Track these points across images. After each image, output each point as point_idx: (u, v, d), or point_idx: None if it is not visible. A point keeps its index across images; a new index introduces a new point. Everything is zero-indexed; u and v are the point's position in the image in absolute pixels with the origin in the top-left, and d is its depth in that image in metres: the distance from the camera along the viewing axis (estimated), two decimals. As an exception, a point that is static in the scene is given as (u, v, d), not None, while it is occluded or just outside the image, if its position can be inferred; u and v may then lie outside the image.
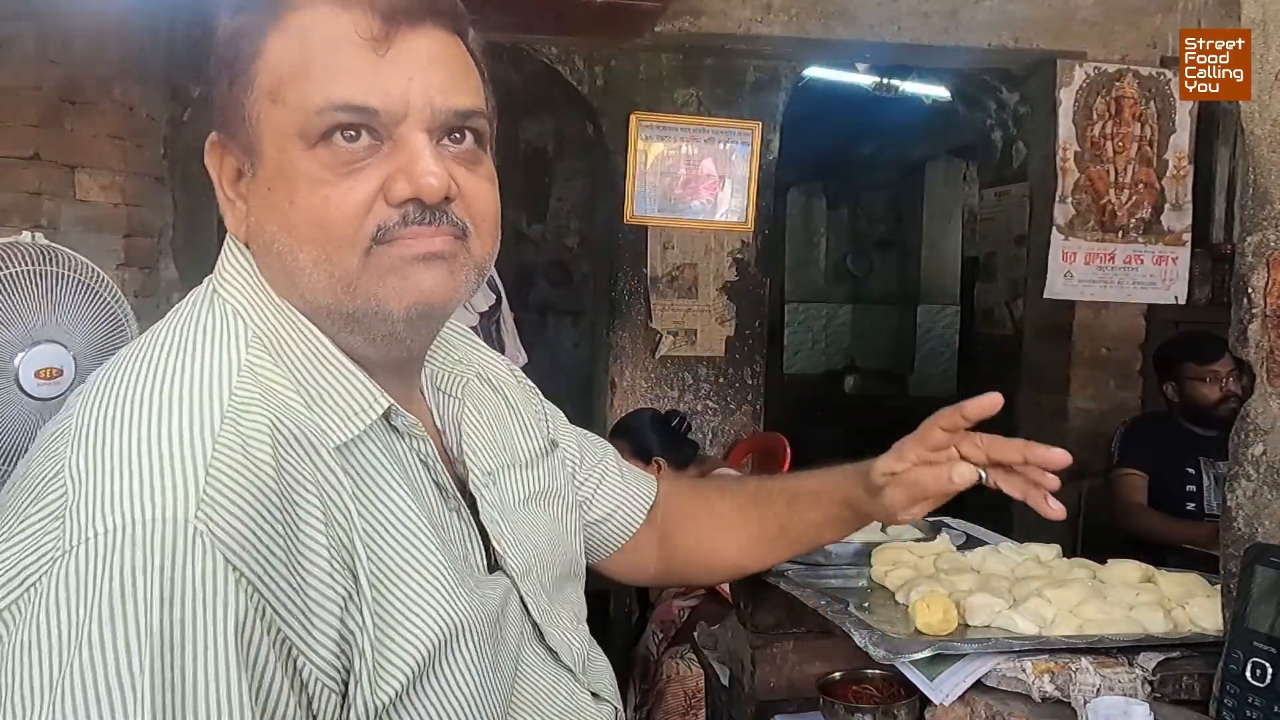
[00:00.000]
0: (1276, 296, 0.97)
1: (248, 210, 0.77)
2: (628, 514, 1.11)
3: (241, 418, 0.67)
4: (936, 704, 0.98)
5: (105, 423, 0.66)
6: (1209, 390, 3.02)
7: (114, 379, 0.70)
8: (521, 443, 0.96)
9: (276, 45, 0.73)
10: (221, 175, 0.78)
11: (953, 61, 3.92)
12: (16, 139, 2.77)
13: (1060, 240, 3.62)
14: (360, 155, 0.72)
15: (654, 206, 3.69)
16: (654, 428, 2.85)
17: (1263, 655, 0.90)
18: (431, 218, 0.73)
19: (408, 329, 0.76)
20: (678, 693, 2.43)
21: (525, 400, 1.02)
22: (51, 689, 0.56)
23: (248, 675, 0.60)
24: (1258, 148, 0.99)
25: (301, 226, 0.73)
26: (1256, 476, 0.99)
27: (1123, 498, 3.13)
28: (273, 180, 0.74)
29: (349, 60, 0.72)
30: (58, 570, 0.59)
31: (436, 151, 0.74)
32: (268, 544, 0.63)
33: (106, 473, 0.62)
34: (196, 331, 0.73)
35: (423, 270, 0.74)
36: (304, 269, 0.73)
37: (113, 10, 2.92)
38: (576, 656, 0.91)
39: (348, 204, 0.72)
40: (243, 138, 0.75)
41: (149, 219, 3.26)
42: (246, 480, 0.64)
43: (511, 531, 0.86)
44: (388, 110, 0.72)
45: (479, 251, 0.77)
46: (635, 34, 3.25)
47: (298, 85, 0.72)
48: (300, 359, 0.74)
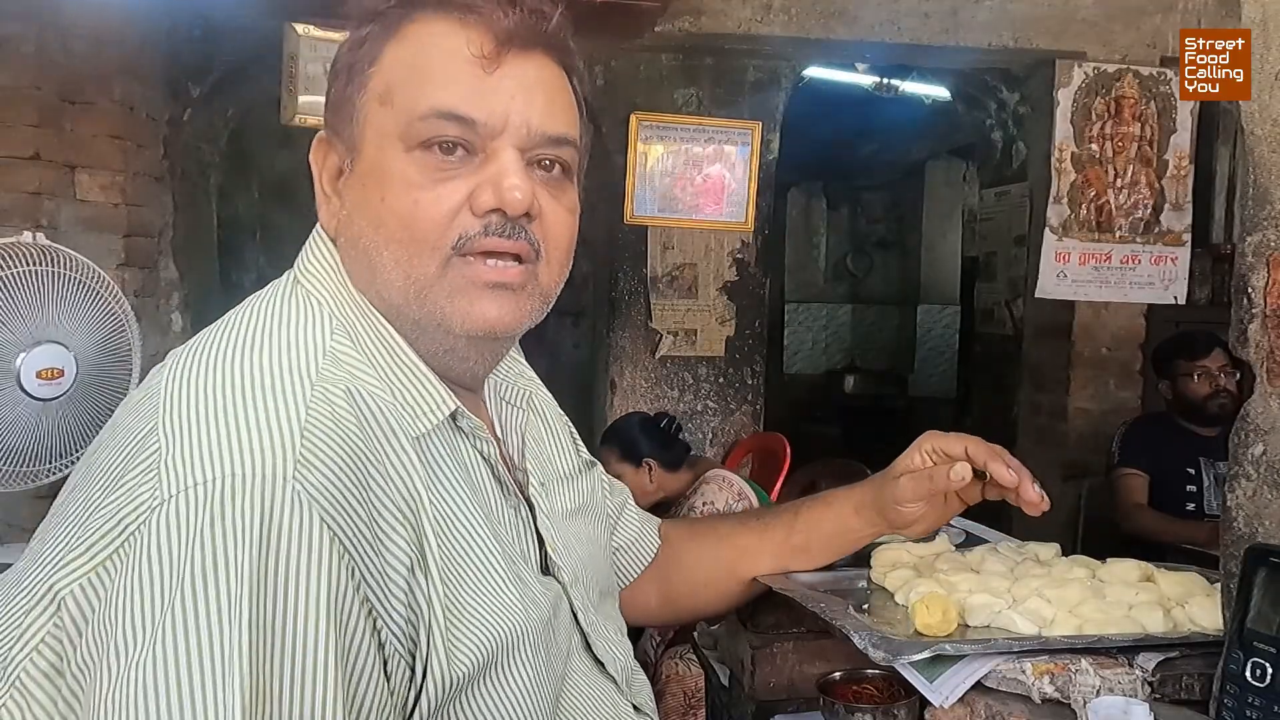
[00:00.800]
0: (1276, 296, 0.96)
1: (341, 206, 0.80)
2: (639, 551, 1.14)
3: (329, 389, 0.70)
4: (936, 705, 0.98)
5: (196, 386, 0.68)
6: (1199, 386, 3.05)
7: (199, 351, 0.72)
8: (561, 458, 1.00)
9: (393, 52, 0.78)
10: (323, 171, 0.82)
11: (953, 61, 3.92)
12: (16, 139, 2.77)
13: (1054, 241, 3.63)
14: (453, 164, 0.76)
15: (654, 206, 3.69)
16: (642, 429, 2.84)
17: (1263, 655, 0.90)
18: (511, 231, 0.76)
19: (469, 348, 0.80)
20: (677, 692, 2.43)
21: (559, 418, 1.06)
22: (151, 632, 0.58)
23: (336, 631, 0.62)
24: (1258, 148, 0.99)
25: (389, 224, 0.76)
26: (1256, 476, 0.99)
27: (1123, 498, 3.14)
28: (368, 176, 0.77)
29: (458, 73, 0.76)
30: (157, 519, 0.61)
31: (525, 169, 0.77)
32: (355, 506, 0.65)
33: (202, 429, 0.65)
34: (281, 314, 0.76)
35: (489, 298, 0.77)
36: (385, 266, 0.77)
37: (113, 10, 2.92)
38: (621, 668, 0.93)
39: (436, 209, 0.75)
40: (348, 135, 0.79)
41: (149, 219, 3.26)
42: (337, 444, 0.66)
43: (562, 542, 0.89)
44: (487, 124, 0.75)
45: (547, 279, 0.81)
46: (635, 34, 3.25)
47: (407, 90, 0.76)
48: (378, 353, 0.77)
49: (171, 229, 3.46)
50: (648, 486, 2.76)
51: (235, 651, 0.58)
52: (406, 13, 0.78)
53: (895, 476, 1.09)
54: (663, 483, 2.78)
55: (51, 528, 0.68)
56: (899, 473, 1.09)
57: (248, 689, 0.58)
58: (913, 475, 1.08)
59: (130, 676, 0.58)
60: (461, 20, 0.76)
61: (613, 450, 2.80)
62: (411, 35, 0.77)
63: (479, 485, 0.80)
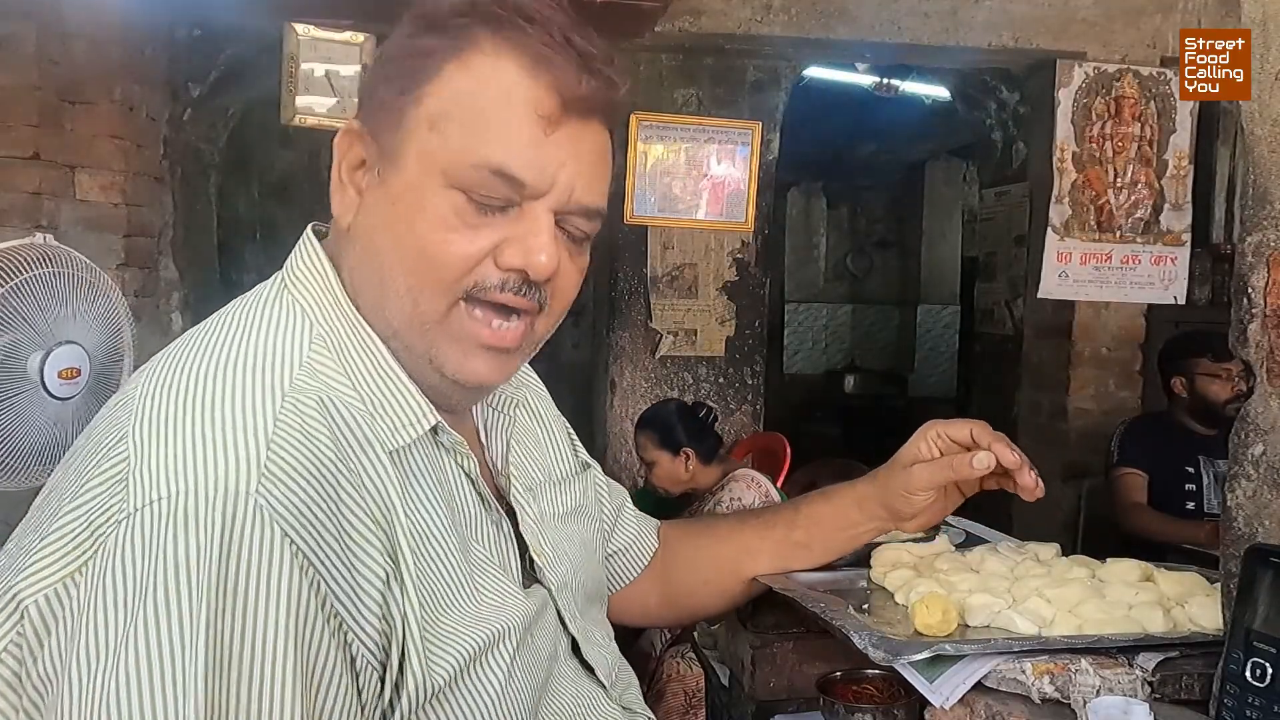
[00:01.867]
0: (1276, 296, 0.96)
1: (360, 204, 0.78)
2: (636, 553, 1.14)
3: (300, 401, 0.69)
4: (936, 705, 0.98)
5: (167, 396, 0.68)
6: (1220, 388, 3.01)
7: (176, 356, 0.72)
8: (555, 460, 1.00)
9: (455, 79, 0.75)
10: (344, 159, 0.79)
11: (953, 61, 3.92)
12: (16, 139, 2.77)
13: (1055, 240, 3.62)
14: (489, 214, 0.75)
15: (654, 206, 3.69)
16: (682, 418, 2.83)
17: (1263, 655, 0.90)
18: (528, 291, 0.76)
19: (453, 389, 0.80)
20: (678, 692, 2.43)
21: (557, 420, 1.05)
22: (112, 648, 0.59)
23: (296, 645, 0.62)
24: (1258, 148, 0.98)
25: (411, 252, 0.75)
26: (1256, 476, 0.99)
27: (1122, 497, 3.13)
28: (401, 197, 0.75)
29: (519, 130, 0.74)
30: (122, 533, 0.61)
31: (555, 234, 0.76)
32: (322, 520, 0.65)
33: (169, 441, 0.65)
34: (262, 320, 0.76)
35: (483, 358, 0.78)
36: (397, 290, 0.76)
37: (113, 10, 2.92)
38: (608, 672, 0.93)
39: (461, 252, 0.74)
40: (387, 141, 0.76)
41: (149, 219, 3.26)
42: (305, 456, 0.66)
43: (550, 546, 0.89)
44: (534, 186, 0.74)
45: (542, 330, 0.81)
46: (635, 34, 3.25)
47: (463, 130, 0.74)
48: (359, 365, 0.76)
49: (171, 229, 3.46)
50: (682, 475, 2.77)
51: (191, 668, 0.58)
52: (475, 37, 0.74)
53: (906, 466, 1.09)
54: (696, 474, 2.78)
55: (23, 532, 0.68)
56: (909, 461, 1.09)
57: (203, 705, 0.58)
58: (928, 464, 1.08)
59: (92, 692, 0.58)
60: (533, 73, 0.74)
61: (650, 436, 2.81)
62: (476, 67, 0.74)
63: (457, 500, 0.80)
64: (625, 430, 3.77)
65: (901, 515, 1.11)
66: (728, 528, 1.23)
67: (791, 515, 1.17)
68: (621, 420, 3.81)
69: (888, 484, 1.11)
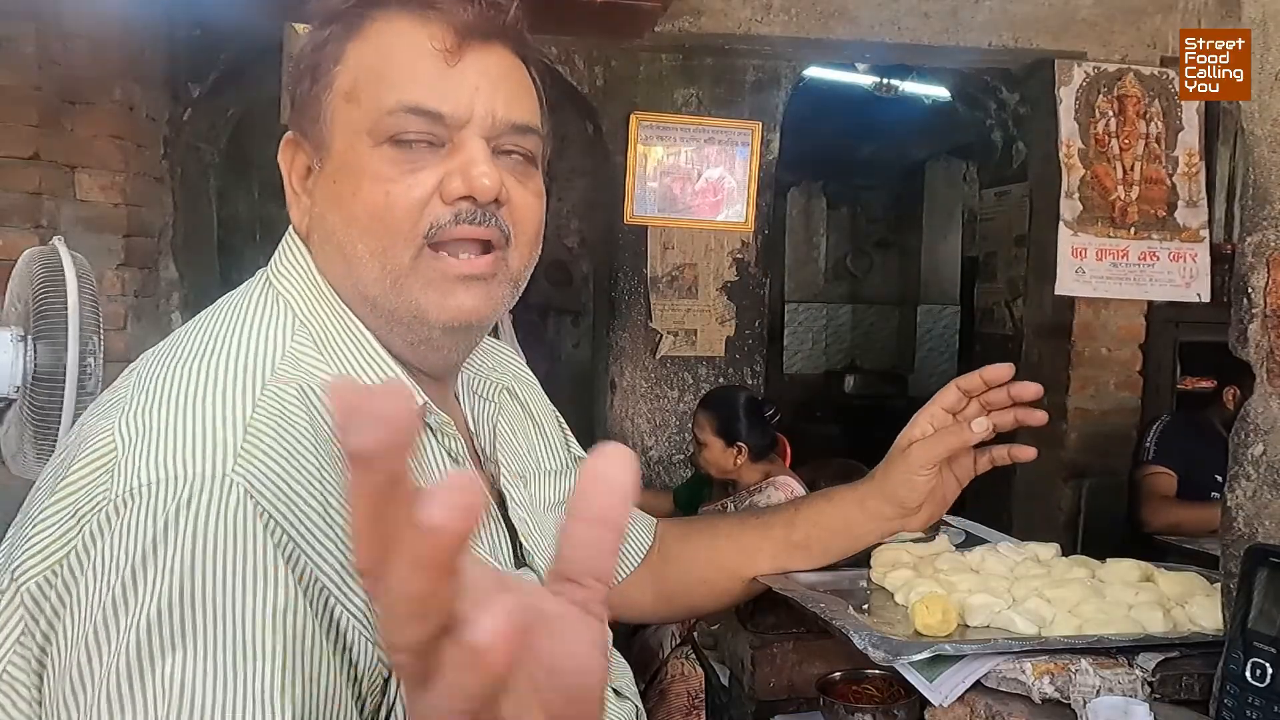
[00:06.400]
0: (1276, 296, 0.97)
1: (311, 204, 0.82)
2: (630, 550, 1.14)
3: (281, 389, 0.71)
4: (936, 705, 0.98)
5: (153, 389, 0.70)
6: None
7: (162, 353, 0.75)
8: (544, 452, 1.01)
9: (356, 51, 0.79)
10: (292, 171, 0.84)
11: (953, 61, 3.92)
12: (16, 139, 2.77)
13: (1069, 235, 3.56)
14: (422, 156, 0.77)
15: (654, 206, 3.69)
16: (746, 412, 2.83)
17: (1263, 655, 0.90)
18: (482, 218, 0.78)
19: (444, 338, 0.81)
20: (681, 692, 2.42)
21: (548, 413, 1.06)
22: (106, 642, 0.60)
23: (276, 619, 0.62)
24: (1258, 148, 0.98)
25: (362, 218, 0.77)
26: (1256, 476, 0.99)
27: (1151, 493, 3.10)
28: (338, 174, 0.79)
29: (422, 67, 0.77)
30: (104, 521, 0.63)
31: (492, 157, 0.78)
32: (302, 495, 0.66)
33: (154, 432, 0.67)
34: (246, 315, 0.78)
35: (463, 290, 0.79)
36: (361, 258, 0.78)
37: (113, 10, 2.92)
38: None
39: (406, 199, 0.77)
40: (315, 135, 0.80)
41: (149, 219, 3.26)
42: (283, 435, 0.68)
43: (540, 532, 0.89)
44: (453, 115, 0.77)
45: (516, 264, 0.82)
46: (635, 34, 3.25)
47: (372, 87, 0.77)
48: (344, 351, 0.79)
49: (171, 229, 3.46)
50: (729, 466, 2.79)
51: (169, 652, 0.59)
52: (366, 12, 0.79)
53: (903, 449, 1.11)
54: (743, 469, 2.79)
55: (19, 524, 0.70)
56: (905, 444, 1.11)
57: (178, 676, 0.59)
58: (924, 441, 1.09)
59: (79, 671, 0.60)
60: (421, 16, 0.78)
61: (711, 419, 2.82)
62: (373, 33, 0.79)
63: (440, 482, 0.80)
64: (625, 430, 3.77)
65: (906, 504, 1.11)
66: (727, 528, 1.23)
67: (791, 516, 1.18)
68: (622, 420, 3.81)
69: (888, 473, 1.11)
